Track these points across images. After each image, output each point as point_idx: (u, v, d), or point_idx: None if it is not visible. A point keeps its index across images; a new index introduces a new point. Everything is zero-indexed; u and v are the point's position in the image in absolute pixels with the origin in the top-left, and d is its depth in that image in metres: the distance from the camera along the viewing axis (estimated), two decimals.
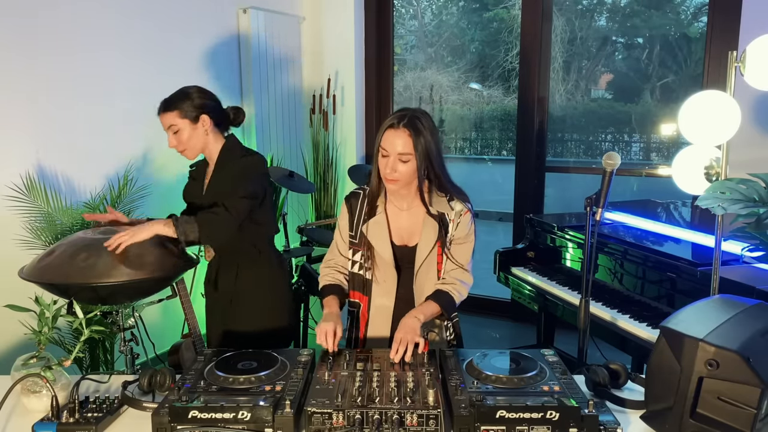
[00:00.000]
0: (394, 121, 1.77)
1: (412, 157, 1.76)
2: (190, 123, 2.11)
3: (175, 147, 2.14)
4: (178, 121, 2.10)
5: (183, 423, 1.34)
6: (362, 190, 1.96)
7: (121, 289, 1.91)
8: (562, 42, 7.35)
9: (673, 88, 7.55)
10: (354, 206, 1.95)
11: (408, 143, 1.75)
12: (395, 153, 1.76)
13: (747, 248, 2.38)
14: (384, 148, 1.78)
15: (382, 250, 1.90)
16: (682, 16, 7.76)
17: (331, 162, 4.69)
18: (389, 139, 1.77)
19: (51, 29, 2.93)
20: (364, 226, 1.91)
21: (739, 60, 2.12)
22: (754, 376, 1.25)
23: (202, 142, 2.15)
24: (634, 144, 8.88)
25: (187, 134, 2.11)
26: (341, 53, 4.70)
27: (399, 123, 1.76)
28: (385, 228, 1.90)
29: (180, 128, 2.10)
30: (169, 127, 2.11)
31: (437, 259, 1.91)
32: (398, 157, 1.76)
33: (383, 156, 1.79)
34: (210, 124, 2.14)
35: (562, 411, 1.32)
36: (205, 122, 2.13)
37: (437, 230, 1.87)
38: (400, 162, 1.77)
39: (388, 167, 1.78)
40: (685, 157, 2.30)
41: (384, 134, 1.78)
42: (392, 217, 1.93)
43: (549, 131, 4.58)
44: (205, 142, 2.15)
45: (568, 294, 3.02)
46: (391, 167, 1.77)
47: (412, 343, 1.65)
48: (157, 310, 3.22)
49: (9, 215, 2.74)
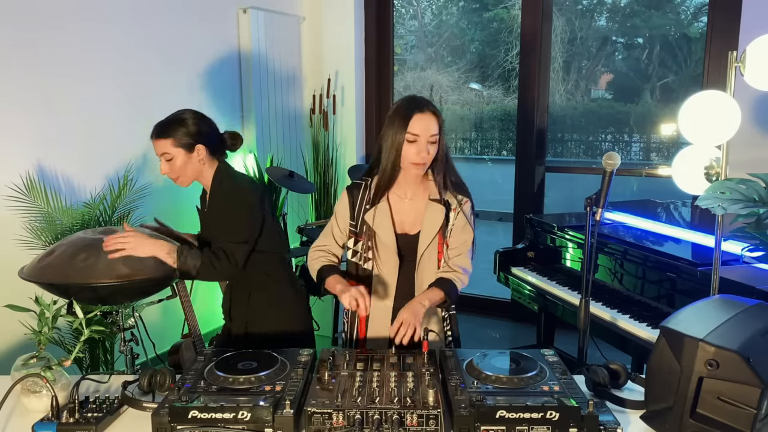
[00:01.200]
0: (420, 106, 1.83)
1: (438, 138, 1.85)
2: (185, 152, 2.00)
3: (167, 174, 2.04)
4: (172, 149, 1.99)
5: (183, 423, 1.34)
6: (363, 181, 1.98)
7: (121, 289, 1.91)
8: (562, 42, 7.35)
9: (673, 88, 7.55)
10: (356, 195, 1.97)
11: (436, 125, 1.84)
12: (427, 135, 1.82)
13: (747, 248, 2.38)
14: (414, 134, 1.82)
15: (385, 238, 1.91)
16: (682, 16, 7.76)
17: (331, 162, 4.69)
18: (420, 124, 1.82)
19: (51, 29, 2.92)
20: (366, 215, 1.93)
21: (739, 60, 2.12)
22: (754, 376, 1.25)
23: (196, 171, 2.05)
24: (634, 144, 8.87)
25: (180, 163, 2.01)
26: (341, 53, 4.70)
27: (425, 107, 1.83)
28: (389, 215, 1.93)
29: (173, 156, 2.00)
30: (162, 155, 2.01)
31: (438, 248, 1.93)
32: (430, 139, 1.83)
33: (411, 141, 1.83)
34: (205, 154, 2.04)
35: (562, 411, 1.32)
36: (200, 152, 2.02)
37: (443, 214, 1.90)
38: (430, 144, 1.84)
39: (422, 151, 1.82)
40: (685, 157, 2.30)
41: (413, 120, 1.82)
42: (394, 205, 1.95)
43: (549, 131, 4.58)
44: (199, 171, 2.06)
45: (568, 294, 3.01)
46: (424, 150, 1.83)
47: (413, 327, 1.68)
48: (157, 310, 3.22)
49: (9, 215, 2.74)
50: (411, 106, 1.84)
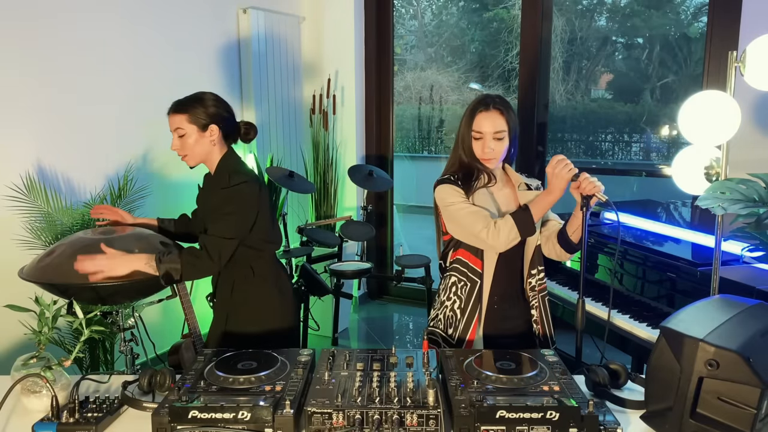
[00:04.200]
0: (485, 104, 1.94)
1: (505, 134, 1.94)
2: (198, 130, 2.03)
3: (177, 151, 2.06)
4: (186, 125, 2.02)
5: (183, 423, 1.34)
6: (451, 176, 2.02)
7: (121, 289, 1.92)
8: (562, 42, 7.34)
9: (673, 88, 7.54)
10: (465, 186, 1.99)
11: (502, 122, 1.93)
12: (491, 132, 1.92)
13: (747, 248, 2.39)
14: (478, 131, 1.94)
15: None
16: (682, 16, 7.75)
17: (331, 162, 4.68)
18: (483, 121, 1.93)
19: (51, 29, 2.93)
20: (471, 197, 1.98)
21: (739, 60, 2.12)
22: (754, 376, 1.25)
23: (206, 151, 2.07)
24: (634, 144, 8.86)
25: (192, 140, 2.04)
26: (341, 53, 4.71)
27: (490, 105, 1.94)
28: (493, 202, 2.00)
29: (186, 133, 2.03)
30: (176, 130, 2.04)
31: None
32: (494, 136, 1.92)
33: (476, 139, 1.95)
34: (218, 136, 2.07)
35: (562, 411, 1.32)
36: (214, 132, 2.05)
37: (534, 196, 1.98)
38: (495, 140, 1.93)
39: (486, 147, 1.94)
40: (685, 157, 2.30)
41: (477, 118, 1.94)
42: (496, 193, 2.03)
43: (549, 131, 4.58)
44: (209, 152, 2.08)
45: (568, 294, 3.02)
46: (488, 146, 1.93)
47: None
48: (157, 310, 3.22)
49: (9, 215, 2.74)
50: (477, 105, 1.95)
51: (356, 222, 4.07)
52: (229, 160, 2.10)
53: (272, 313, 2.17)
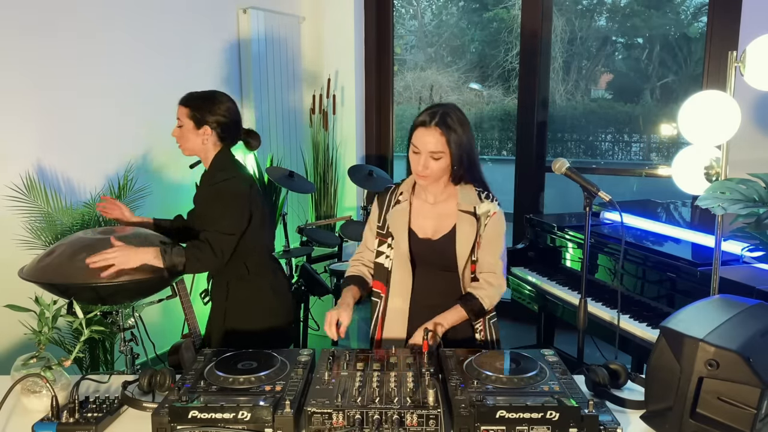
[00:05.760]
0: (426, 119, 1.79)
1: (444, 154, 1.79)
2: (194, 126, 2.12)
3: (176, 137, 2.17)
4: (185, 119, 2.13)
5: (183, 423, 1.34)
6: (394, 185, 2.00)
7: (121, 289, 1.92)
8: (562, 42, 7.35)
9: (673, 88, 7.55)
10: (383, 200, 1.98)
11: (440, 141, 1.78)
12: (427, 151, 1.79)
13: (747, 248, 2.38)
14: (415, 146, 1.81)
15: (399, 239, 1.90)
16: (682, 16, 7.75)
17: (331, 162, 4.68)
18: (420, 138, 1.80)
19: (51, 29, 2.92)
20: (388, 215, 1.94)
21: (739, 60, 2.12)
22: (754, 376, 1.25)
23: (198, 147, 2.15)
24: (634, 144, 8.86)
25: (186, 132, 2.13)
26: (341, 53, 4.70)
27: (431, 121, 1.78)
28: (406, 217, 1.91)
29: (183, 125, 2.13)
30: (178, 119, 2.15)
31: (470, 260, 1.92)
32: (430, 155, 1.79)
33: (414, 153, 1.82)
34: (211, 136, 2.14)
35: (562, 411, 1.32)
36: (206, 132, 2.13)
37: (474, 226, 1.87)
38: (432, 159, 1.79)
39: (420, 164, 1.80)
40: (685, 157, 2.30)
41: (415, 132, 1.81)
42: (417, 208, 1.93)
43: (549, 131, 4.58)
44: (202, 149, 2.16)
45: (568, 294, 3.02)
46: (423, 164, 1.80)
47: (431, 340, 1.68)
48: (157, 310, 3.22)
49: (9, 215, 2.74)
50: (422, 116, 1.81)
51: (356, 222, 4.07)
52: (221, 158, 2.17)
53: (266, 311, 2.20)
